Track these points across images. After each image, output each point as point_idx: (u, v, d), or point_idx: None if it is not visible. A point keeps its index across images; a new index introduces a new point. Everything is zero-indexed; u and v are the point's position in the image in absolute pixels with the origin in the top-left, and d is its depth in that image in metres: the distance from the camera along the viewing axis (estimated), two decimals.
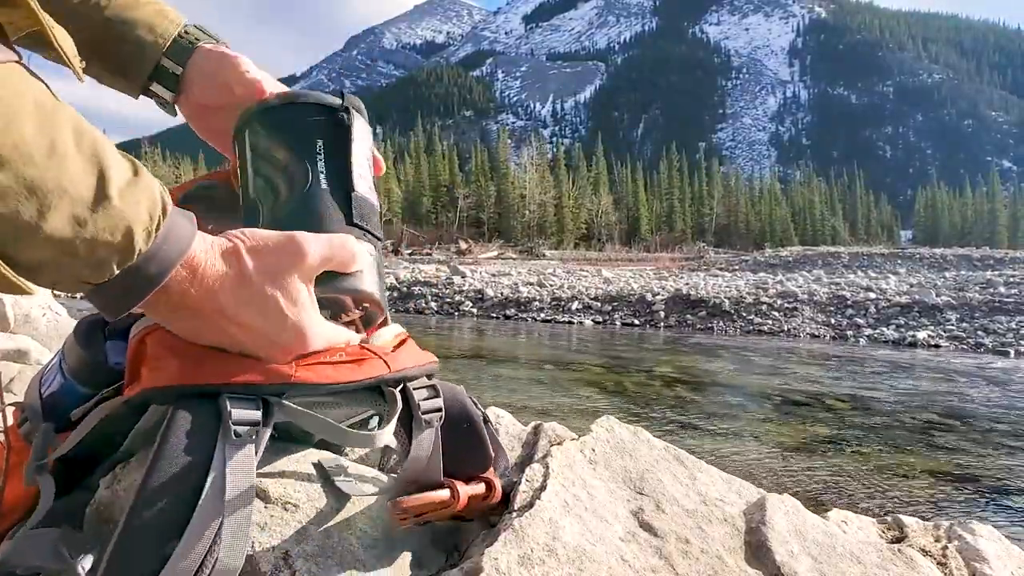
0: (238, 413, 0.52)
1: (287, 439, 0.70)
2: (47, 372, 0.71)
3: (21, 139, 0.36)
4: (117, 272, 0.42)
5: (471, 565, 0.63)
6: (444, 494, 0.64)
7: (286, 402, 0.55)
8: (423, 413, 0.64)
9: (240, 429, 0.51)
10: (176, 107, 0.73)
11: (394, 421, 0.61)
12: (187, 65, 0.70)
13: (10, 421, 0.71)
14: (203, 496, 0.48)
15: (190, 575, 0.46)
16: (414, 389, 0.65)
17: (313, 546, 0.59)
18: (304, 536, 0.60)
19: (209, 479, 0.49)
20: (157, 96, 0.71)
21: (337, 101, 0.63)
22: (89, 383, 0.67)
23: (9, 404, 0.69)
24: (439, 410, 0.65)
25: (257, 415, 0.53)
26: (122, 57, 0.69)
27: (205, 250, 0.48)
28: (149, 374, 0.54)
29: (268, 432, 0.54)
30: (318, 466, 0.67)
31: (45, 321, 2.53)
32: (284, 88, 0.70)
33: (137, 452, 0.61)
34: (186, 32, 0.70)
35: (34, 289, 0.40)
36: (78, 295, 0.58)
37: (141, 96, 0.73)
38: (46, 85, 0.39)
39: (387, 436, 0.60)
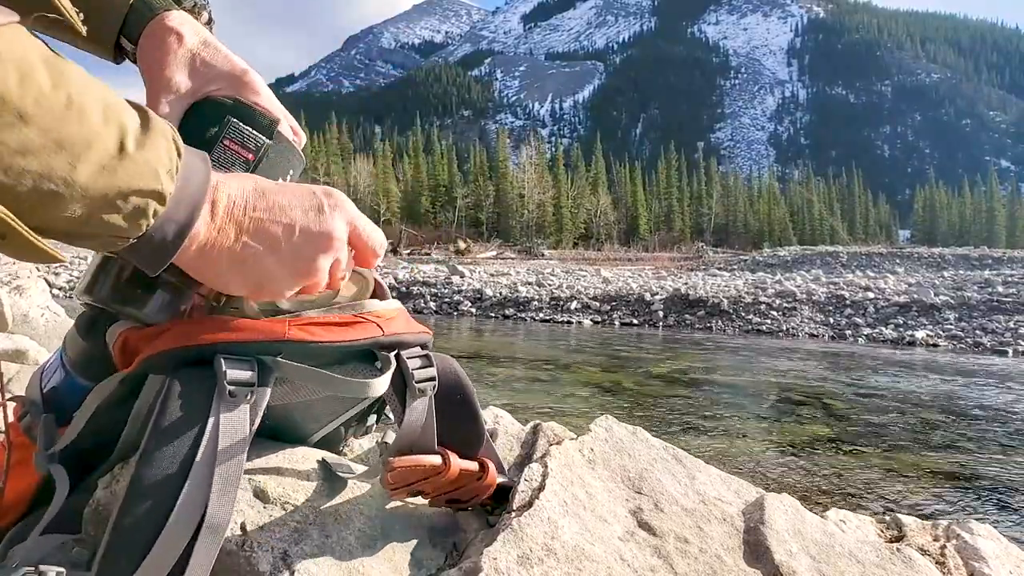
0: (233, 373, 0.52)
1: (285, 439, 0.70)
2: (48, 366, 0.71)
3: (41, 94, 0.35)
4: (153, 221, 0.41)
5: (470, 565, 0.63)
6: (435, 459, 0.64)
7: (280, 359, 0.55)
8: (417, 382, 0.64)
9: (235, 389, 0.52)
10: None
11: (390, 372, 0.61)
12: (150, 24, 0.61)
13: (11, 418, 0.71)
14: (198, 454, 0.49)
15: (189, 533, 0.47)
16: (408, 358, 0.65)
17: (312, 546, 0.59)
18: (303, 536, 0.60)
19: (204, 437, 0.50)
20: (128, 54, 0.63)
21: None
22: (90, 376, 0.66)
23: (9, 399, 0.69)
24: (433, 379, 0.66)
25: (252, 375, 0.53)
26: (97, 17, 0.61)
27: (221, 183, 0.47)
28: (145, 351, 0.55)
29: (266, 394, 0.54)
30: (321, 462, 0.67)
31: (43, 321, 2.52)
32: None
33: (138, 444, 0.61)
34: None
35: (64, 257, 0.39)
36: (75, 295, 0.57)
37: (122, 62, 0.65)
38: (46, 44, 0.38)
39: (382, 385, 0.61)
